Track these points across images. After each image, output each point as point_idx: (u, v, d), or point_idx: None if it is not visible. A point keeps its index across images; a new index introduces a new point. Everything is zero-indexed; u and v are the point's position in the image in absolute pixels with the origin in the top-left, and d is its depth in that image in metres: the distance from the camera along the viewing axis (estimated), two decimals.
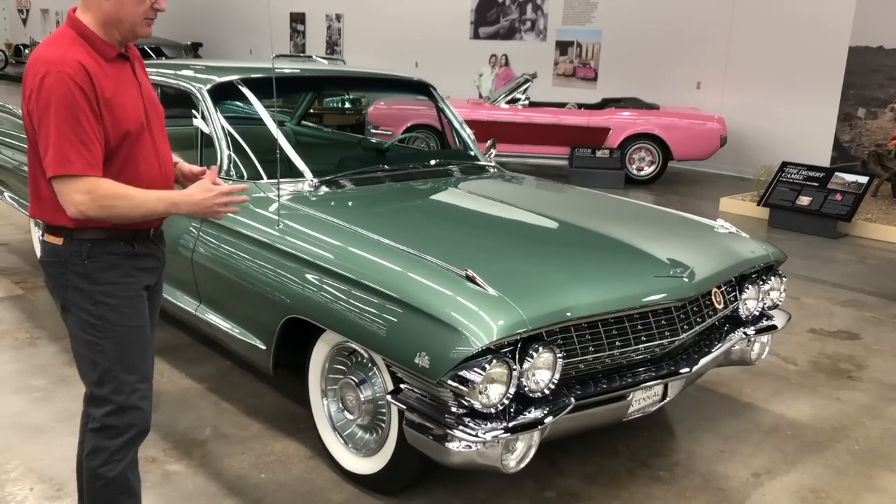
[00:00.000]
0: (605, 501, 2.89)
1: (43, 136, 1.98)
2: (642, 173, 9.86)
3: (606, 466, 3.12)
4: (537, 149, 10.06)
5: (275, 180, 3.25)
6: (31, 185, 2.15)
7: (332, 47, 17.09)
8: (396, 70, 5.02)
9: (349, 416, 2.89)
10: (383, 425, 2.76)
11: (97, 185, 1.99)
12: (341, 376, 2.91)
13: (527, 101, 10.18)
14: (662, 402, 2.94)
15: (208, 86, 3.66)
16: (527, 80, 10.26)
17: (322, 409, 3.00)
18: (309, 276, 2.80)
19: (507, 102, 10.15)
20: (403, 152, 5.29)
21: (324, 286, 2.73)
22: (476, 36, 14.31)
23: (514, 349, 2.42)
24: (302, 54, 16.07)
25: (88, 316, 2.12)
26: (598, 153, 9.66)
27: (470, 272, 2.50)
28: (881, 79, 9.56)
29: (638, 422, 3.26)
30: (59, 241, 2.11)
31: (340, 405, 2.93)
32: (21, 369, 3.75)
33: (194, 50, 17.90)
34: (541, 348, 2.43)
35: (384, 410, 2.74)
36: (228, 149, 3.48)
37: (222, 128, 3.54)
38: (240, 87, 3.75)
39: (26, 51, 23.39)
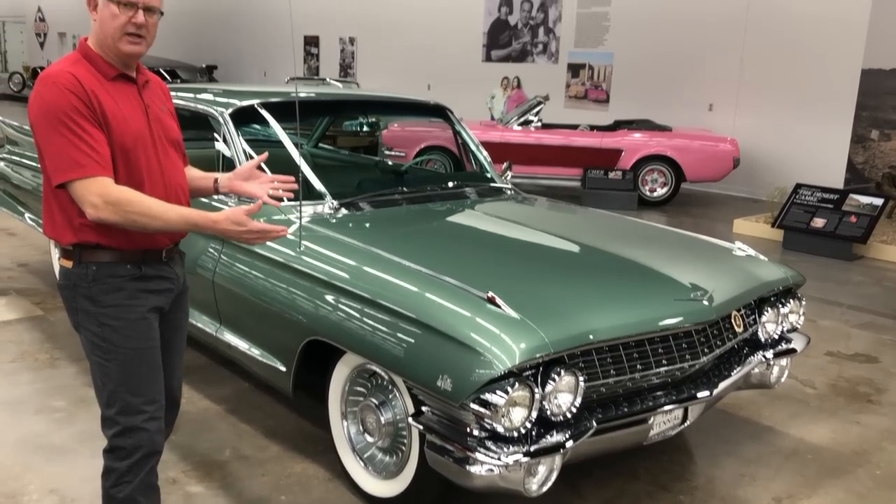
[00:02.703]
0: None
1: (48, 146, 2.01)
2: (655, 195, 9.87)
3: (627, 490, 3.10)
4: (550, 170, 10.10)
5: (295, 202, 3.28)
6: (44, 203, 2.19)
7: (346, 70, 17.23)
8: (410, 92, 5.07)
9: (369, 439, 2.90)
10: (403, 448, 2.77)
11: (110, 189, 2.01)
12: (361, 398, 2.91)
13: (539, 123, 10.23)
14: (682, 426, 2.93)
15: (230, 110, 3.71)
16: (539, 103, 10.32)
17: (342, 431, 3.00)
18: (330, 298, 2.82)
19: (520, 124, 10.21)
20: (420, 174, 5.32)
21: (345, 308, 2.75)
22: (488, 59, 14.41)
23: (536, 372, 2.43)
24: (316, 77, 16.23)
25: (95, 338, 2.15)
26: (611, 175, 9.67)
27: (491, 294, 2.51)
28: (894, 101, 9.55)
29: (658, 445, 3.24)
30: (69, 264, 2.14)
31: (360, 427, 2.93)
32: (42, 390, 3.78)
33: (209, 72, 18.09)
34: (563, 371, 2.43)
35: (405, 433, 2.74)
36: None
37: (243, 151, 3.58)
38: (260, 110, 3.80)
39: None
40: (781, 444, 3.57)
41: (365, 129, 9.19)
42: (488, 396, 2.30)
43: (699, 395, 2.83)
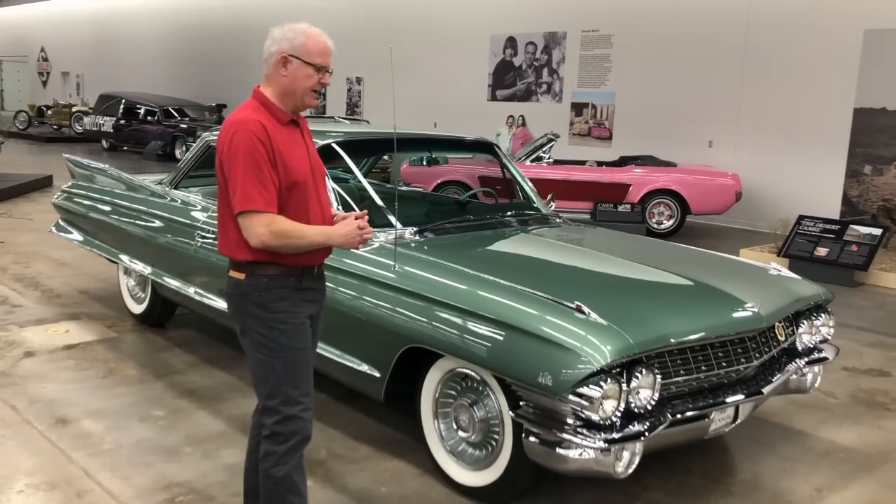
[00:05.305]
0: None
1: (232, 180, 2.43)
2: (662, 227, 10.36)
3: (685, 483, 3.48)
4: (560, 203, 10.52)
5: (379, 229, 3.70)
6: (219, 226, 2.60)
7: (353, 108, 17.78)
8: (416, 129, 5.48)
9: (462, 434, 3.27)
10: (494, 441, 3.14)
11: (275, 220, 2.43)
12: (452, 400, 3.29)
13: (550, 160, 10.73)
14: (734, 424, 3.32)
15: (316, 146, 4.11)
16: (550, 140, 10.85)
17: (433, 429, 3.37)
18: (435, 311, 3.19)
19: (531, 160, 10.70)
20: (478, 205, 5.72)
21: (450, 320, 3.12)
22: (493, 98, 14.99)
23: (621, 371, 2.82)
24: (324, 115, 16.73)
25: (262, 339, 2.53)
26: (620, 207, 10.15)
27: (578, 304, 2.92)
28: (886, 138, 10.15)
29: (705, 446, 3.66)
30: (241, 276, 2.53)
31: (453, 425, 3.30)
32: (139, 401, 4.12)
33: (218, 111, 18.59)
34: (644, 370, 2.83)
35: (497, 427, 3.12)
36: (336, 201, 3.92)
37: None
38: (336, 147, 4.23)
39: (48, 111, 24.12)
40: (814, 445, 3.96)
41: (424, 162, 9.86)
42: (585, 389, 2.69)
43: (752, 393, 3.23)
